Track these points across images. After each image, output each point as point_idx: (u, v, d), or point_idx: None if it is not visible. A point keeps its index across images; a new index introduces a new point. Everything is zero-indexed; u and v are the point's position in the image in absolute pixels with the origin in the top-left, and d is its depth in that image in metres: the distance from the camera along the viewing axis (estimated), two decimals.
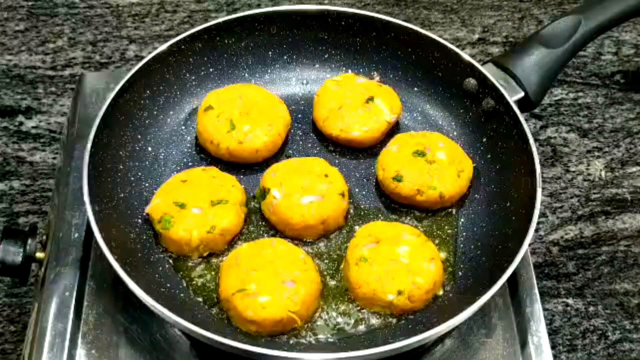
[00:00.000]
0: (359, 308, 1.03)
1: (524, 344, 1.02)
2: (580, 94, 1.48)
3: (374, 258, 1.02)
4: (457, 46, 1.20)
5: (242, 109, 1.14)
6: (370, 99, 1.18)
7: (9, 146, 1.39)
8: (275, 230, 1.09)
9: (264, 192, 1.08)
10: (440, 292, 1.03)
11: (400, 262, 1.01)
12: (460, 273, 1.06)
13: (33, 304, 1.09)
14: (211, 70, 1.22)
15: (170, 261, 1.06)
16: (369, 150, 1.18)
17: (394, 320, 1.01)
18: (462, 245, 1.09)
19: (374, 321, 1.02)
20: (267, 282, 0.99)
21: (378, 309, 1.02)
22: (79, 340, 1.01)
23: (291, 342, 0.99)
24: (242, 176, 1.13)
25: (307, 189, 1.07)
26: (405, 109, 1.21)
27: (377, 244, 1.03)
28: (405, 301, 1.00)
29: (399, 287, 1.00)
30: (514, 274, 1.01)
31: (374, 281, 1.00)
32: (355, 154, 1.18)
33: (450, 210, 1.12)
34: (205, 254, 1.06)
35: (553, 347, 1.17)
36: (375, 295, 1.00)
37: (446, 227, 1.11)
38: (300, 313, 0.99)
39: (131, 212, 1.09)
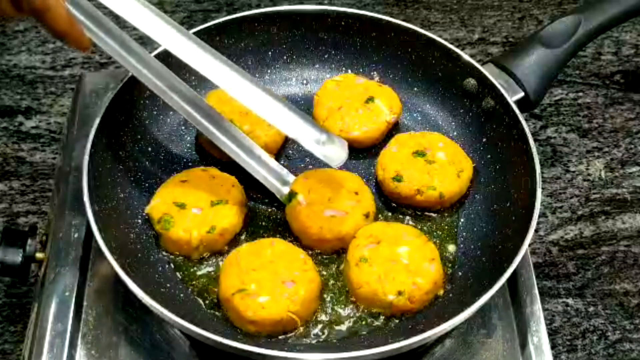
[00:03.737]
0: (359, 308, 1.02)
1: (524, 344, 1.02)
2: (580, 94, 1.48)
3: (374, 258, 1.01)
4: (457, 46, 1.20)
5: (242, 109, 1.14)
6: (370, 99, 1.18)
7: (9, 146, 1.38)
8: (294, 236, 1.08)
9: (292, 195, 1.08)
10: (441, 292, 1.03)
11: (400, 263, 1.01)
12: (460, 273, 1.06)
13: (33, 304, 1.09)
14: None
15: (170, 261, 1.06)
16: (369, 150, 1.18)
17: (395, 320, 1.01)
18: (462, 246, 1.09)
19: (374, 321, 1.02)
20: (267, 282, 0.99)
21: (378, 310, 1.02)
22: (79, 341, 1.01)
23: (291, 342, 0.99)
24: (242, 176, 1.13)
25: (333, 202, 1.06)
26: (405, 109, 1.21)
27: (377, 245, 1.03)
28: (406, 302, 1.00)
29: (399, 287, 1.00)
30: (514, 274, 1.01)
31: (374, 281, 1.00)
32: (355, 154, 1.18)
33: (450, 210, 1.12)
34: (205, 254, 1.06)
35: (553, 347, 1.16)
36: (375, 295, 1.00)
37: (446, 227, 1.11)
38: (300, 313, 0.99)
39: (131, 212, 1.09)
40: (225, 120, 1.09)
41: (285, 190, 1.09)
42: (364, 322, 1.01)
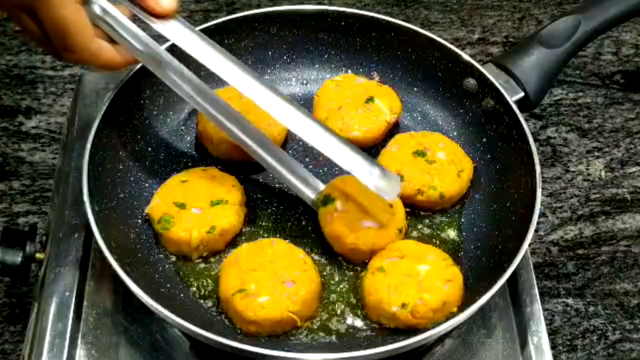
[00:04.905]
0: (365, 317, 1.02)
1: (524, 344, 1.02)
2: (580, 94, 1.48)
3: (391, 270, 1.00)
4: (457, 46, 1.20)
5: (242, 109, 1.14)
6: (370, 99, 1.18)
7: (9, 146, 1.39)
8: (324, 242, 1.07)
9: (327, 199, 1.06)
10: (454, 310, 1.00)
11: (415, 279, 0.99)
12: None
13: (33, 304, 1.09)
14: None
15: (170, 261, 1.06)
16: (369, 150, 1.18)
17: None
18: (462, 246, 1.09)
19: (375, 327, 1.01)
20: (267, 282, 0.99)
21: (383, 321, 1.00)
22: (79, 341, 1.01)
23: (291, 342, 0.99)
24: (242, 176, 1.13)
25: (370, 213, 1.05)
26: (405, 109, 1.21)
27: (400, 259, 1.01)
28: (408, 315, 0.97)
29: (405, 300, 0.97)
30: (514, 274, 1.00)
31: (383, 290, 0.99)
32: None
33: (450, 210, 1.12)
34: (205, 254, 1.06)
35: (553, 347, 1.17)
36: (380, 304, 0.98)
37: (446, 227, 1.11)
38: (300, 313, 0.98)
39: (131, 212, 1.09)
40: (253, 126, 1.09)
41: (313, 194, 1.08)
42: (364, 324, 1.01)
